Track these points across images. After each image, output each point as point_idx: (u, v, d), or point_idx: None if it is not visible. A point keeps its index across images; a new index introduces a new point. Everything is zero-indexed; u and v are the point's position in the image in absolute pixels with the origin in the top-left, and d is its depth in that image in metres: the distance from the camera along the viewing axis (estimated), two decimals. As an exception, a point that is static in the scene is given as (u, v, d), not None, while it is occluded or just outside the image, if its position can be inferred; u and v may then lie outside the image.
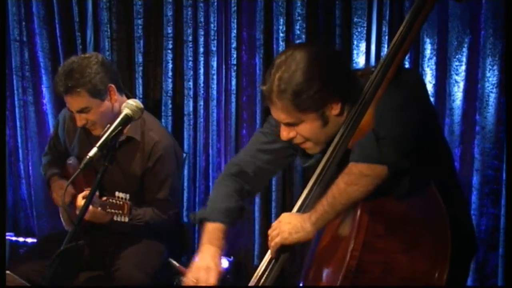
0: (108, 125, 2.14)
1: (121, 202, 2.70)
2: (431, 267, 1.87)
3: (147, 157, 2.92)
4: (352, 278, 1.83)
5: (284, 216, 2.02)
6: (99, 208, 2.71)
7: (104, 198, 2.72)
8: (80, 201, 2.76)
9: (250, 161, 2.30)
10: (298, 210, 2.03)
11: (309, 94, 1.96)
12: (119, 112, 2.20)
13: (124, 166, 2.93)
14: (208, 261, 2.17)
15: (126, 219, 2.70)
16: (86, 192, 2.74)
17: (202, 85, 3.71)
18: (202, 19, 3.65)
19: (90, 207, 2.69)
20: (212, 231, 2.23)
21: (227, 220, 2.24)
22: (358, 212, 1.86)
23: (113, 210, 2.70)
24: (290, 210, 2.08)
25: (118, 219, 2.71)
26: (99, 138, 2.12)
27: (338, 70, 2.02)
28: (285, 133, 2.07)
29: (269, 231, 2.04)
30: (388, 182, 1.85)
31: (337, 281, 1.84)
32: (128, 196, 2.72)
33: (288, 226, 1.97)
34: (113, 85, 2.87)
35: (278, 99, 1.99)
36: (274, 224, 2.03)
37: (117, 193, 2.73)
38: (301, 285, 2.12)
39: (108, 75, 2.85)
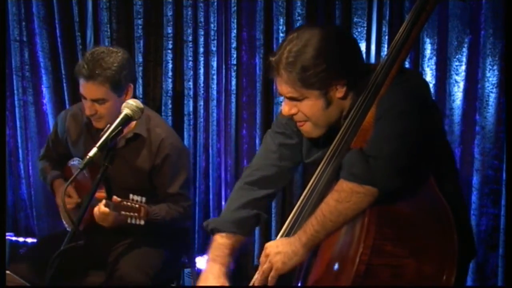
0: (108, 125, 2.14)
1: (137, 205, 2.67)
2: (439, 270, 1.85)
3: (155, 153, 2.91)
4: (360, 282, 1.80)
5: (270, 246, 2.00)
6: (113, 211, 2.69)
7: (118, 200, 2.67)
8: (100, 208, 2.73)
9: (268, 164, 2.28)
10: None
11: (316, 71, 1.95)
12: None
13: (132, 163, 2.93)
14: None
15: (142, 222, 2.67)
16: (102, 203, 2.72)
17: (202, 85, 3.71)
18: (202, 19, 3.65)
19: (104, 209, 2.70)
20: (217, 247, 2.23)
21: (239, 230, 2.24)
22: (366, 214, 1.84)
23: (128, 213, 2.67)
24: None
25: (133, 222, 2.68)
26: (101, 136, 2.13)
27: (348, 54, 2.01)
28: (287, 108, 2.06)
29: (261, 266, 2.00)
30: (383, 196, 1.83)
31: (344, 285, 1.82)
32: (144, 199, 2.69)
33: (279, 256, 1.96)
34: (132, 85, 2.87)
35: (285, 71, 1.99)
36: (262, 257, 2.00)
37: (131, 196, 2.69)
38: (299, 285, 2.09)
39: (131, 74, 2.86)
